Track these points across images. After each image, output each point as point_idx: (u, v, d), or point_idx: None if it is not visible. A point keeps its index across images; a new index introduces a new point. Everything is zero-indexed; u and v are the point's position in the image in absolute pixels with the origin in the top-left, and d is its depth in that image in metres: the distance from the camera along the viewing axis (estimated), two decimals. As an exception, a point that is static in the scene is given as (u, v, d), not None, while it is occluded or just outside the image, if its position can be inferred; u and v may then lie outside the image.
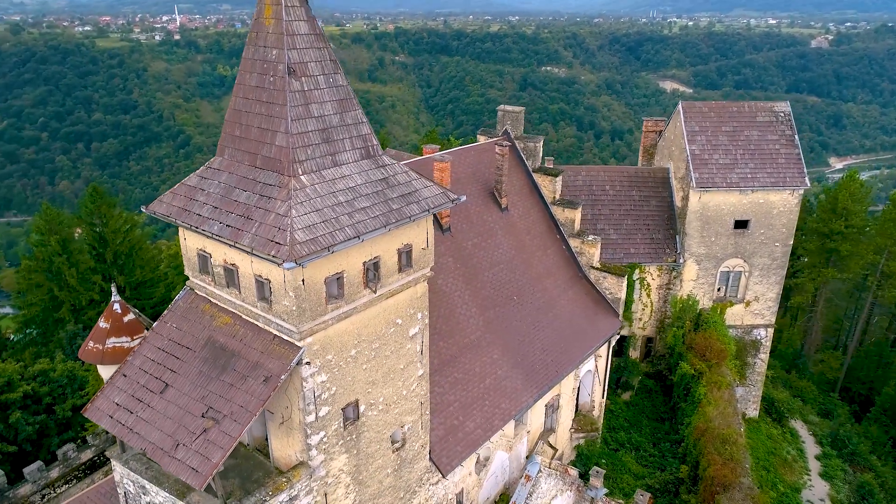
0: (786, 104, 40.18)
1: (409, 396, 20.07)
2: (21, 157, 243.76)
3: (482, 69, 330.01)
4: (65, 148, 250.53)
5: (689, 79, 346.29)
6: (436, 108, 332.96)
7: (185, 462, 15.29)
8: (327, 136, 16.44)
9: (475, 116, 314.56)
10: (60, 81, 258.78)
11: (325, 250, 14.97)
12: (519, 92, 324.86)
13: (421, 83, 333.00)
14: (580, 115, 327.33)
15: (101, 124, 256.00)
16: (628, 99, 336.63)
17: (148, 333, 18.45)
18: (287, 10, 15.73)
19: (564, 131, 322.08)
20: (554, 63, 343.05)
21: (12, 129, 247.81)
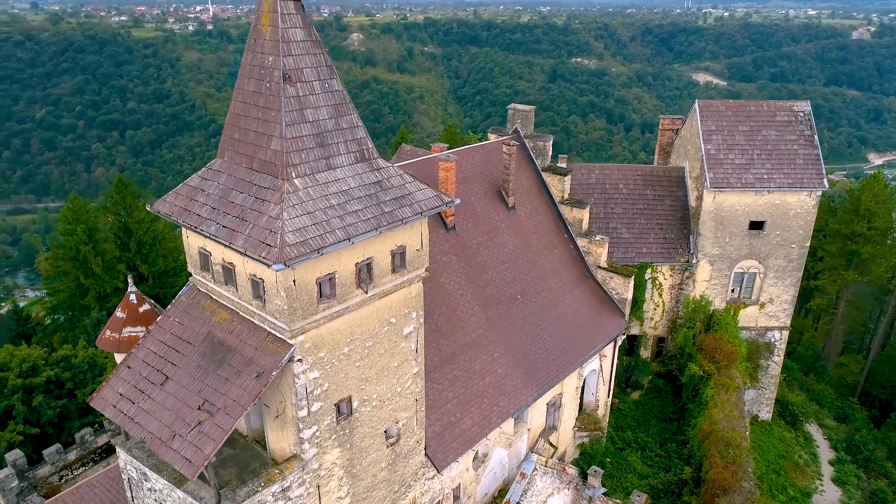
0: (806, 103, 39.48)
1: (403, 393, 20.55)
2: (59, 145, 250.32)
3: (511, 60, 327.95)
4: (100, 136, 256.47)
5: (724, 71, 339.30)
6: (464, 99, 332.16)
7: (180, 452, 16.00)
8: (322, 140, 16.89)
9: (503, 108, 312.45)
10: (97, 70, 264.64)
11: (315, 252, 15.45)
12: (548, 83, 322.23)
13: (449, 74, 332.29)
14: (610, 107, 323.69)
15: (136, 113, 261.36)
16: (659, 91, 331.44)
17: (152, 327, 19.21)
18: (283, 18, 16.18)
19: (594, 124, 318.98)
20: (584, 54, 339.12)
21: (51, 117, 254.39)
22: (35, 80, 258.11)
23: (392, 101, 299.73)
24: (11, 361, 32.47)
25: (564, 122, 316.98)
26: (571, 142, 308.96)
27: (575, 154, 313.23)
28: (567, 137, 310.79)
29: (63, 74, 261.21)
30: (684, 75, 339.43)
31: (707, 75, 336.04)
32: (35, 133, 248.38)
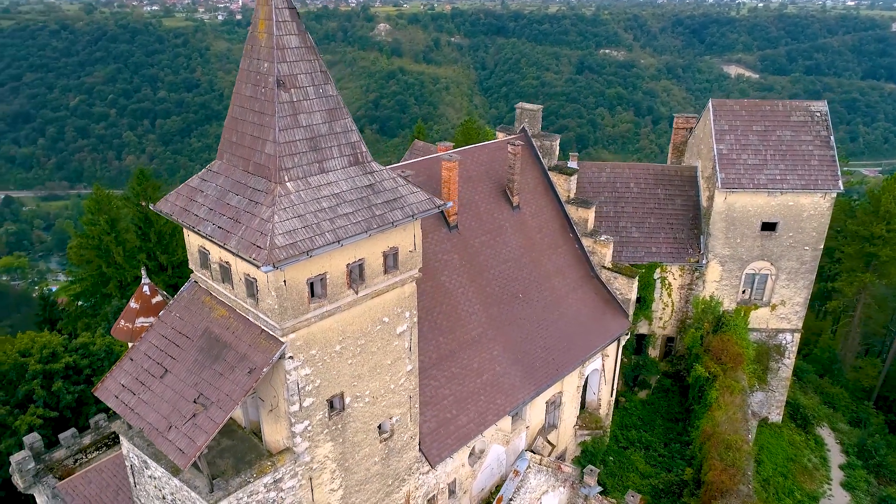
0: (823, 103, 38.85)
1: (397, 390, 21.05)
2: (92, 132, 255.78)
3: (538, 51, 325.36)
4: (131, 124, 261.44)
5: (756, 63, 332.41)
6: (490, 90, 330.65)
7: (175, 443, 16.72)
8: (315, 144, 17.35)
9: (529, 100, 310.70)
10: (129, 60, 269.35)
11: (304, 255, 15.96)
12: (575, 75, 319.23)
13: (476, 65, 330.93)
14: (638, 100, 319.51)
15: (165, 102, 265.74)
16: (689, 84, 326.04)
17: (155, 321, 19.97)
18: (278, 26, 16.63)
19: (621, 116, 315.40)
20: (613, 46, 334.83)
21: (84, 105, 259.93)
22: (69, 69, 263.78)
23: (417, 91, 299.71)
24: (33, 347, 33.79)
25: (591, 114, 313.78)
26: (598, 134, 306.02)
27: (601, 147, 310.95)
28: (593, 130, 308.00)
29: (96, 63, 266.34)
30: (715, 67, 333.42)
31: (739, 68, 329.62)
32: (69, 121, 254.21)
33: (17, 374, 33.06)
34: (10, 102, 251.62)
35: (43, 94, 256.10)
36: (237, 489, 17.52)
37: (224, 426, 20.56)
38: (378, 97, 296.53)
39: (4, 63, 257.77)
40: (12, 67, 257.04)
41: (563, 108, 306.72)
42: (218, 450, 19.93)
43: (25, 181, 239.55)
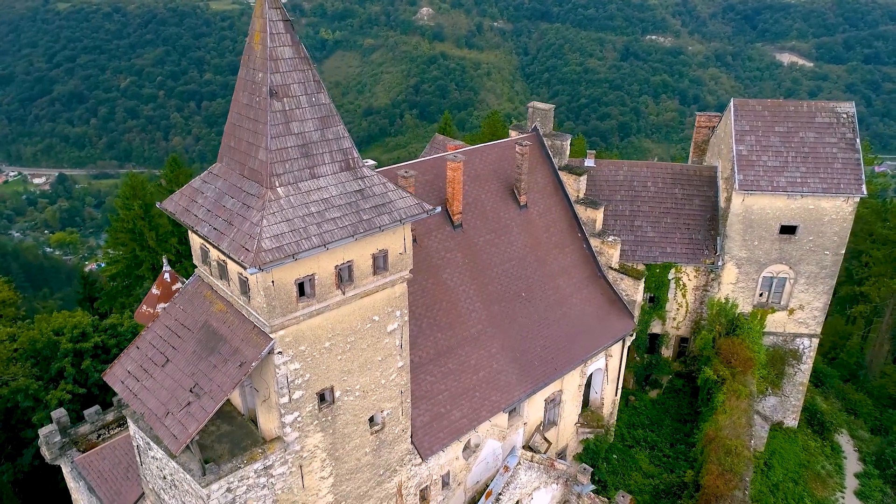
0: (850, 104, 37.86)
1: (388, 385, 21.90)
2: (140, 113, 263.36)
3: (582, 37, 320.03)
4: (178, 106, 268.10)
5: (811, 51, 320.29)
6: (532, 76, 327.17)
7: (170, 429, 17.93)
8: (306, 150, 18.15)
9: (571, 86, 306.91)
10: (177, 42, 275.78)
11: (290, 258, 16.84)
12: (619, 62, 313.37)
13: (518, 50, 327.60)
14: (684, 88, 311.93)
15: (211, 84, 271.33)
16: (739, 72, 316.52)
17: (160, 312, 21.22)
18: (272, 38, 17.42)
19: (666, 105, 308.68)
20: (660, 32, 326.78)
21: (134, 86, 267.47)
22: (121, 51, 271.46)
23: (458, 77, 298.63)
24: (65, 327, 35.85)
25: (635, 102, 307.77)
26: (641, 123, 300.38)
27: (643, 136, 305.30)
28: (636, 118, 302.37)
29: (146, 46, 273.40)
30: (767, 55, 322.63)
31: (792, 56, 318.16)
32: (119, 102, 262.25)
33: (51, 351, 35.20)
34: (66, 83, 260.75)
35: (96, 75, 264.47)
36: (228, 474, 18.67)
37: (225, 413, 21.87)
38: (419, 82, 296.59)
39: (60, 45, 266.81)
40: (68, 49, 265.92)
41: (605, 95, 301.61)
42: (217, 434, 21.15)
43: (78, 160, 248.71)
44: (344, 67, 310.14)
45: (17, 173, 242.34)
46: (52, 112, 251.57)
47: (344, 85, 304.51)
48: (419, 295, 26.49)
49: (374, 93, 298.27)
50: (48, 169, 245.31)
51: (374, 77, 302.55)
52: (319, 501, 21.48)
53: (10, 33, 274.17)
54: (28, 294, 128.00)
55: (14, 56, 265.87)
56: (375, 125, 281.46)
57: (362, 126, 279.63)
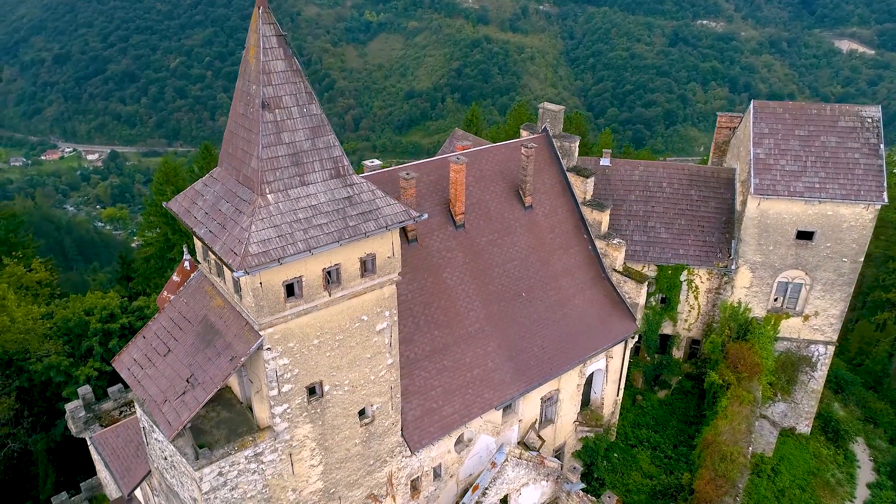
0: (876, 108, 36.88)
1: (377, 381, 22.91)
2: (188, 93, 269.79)
3: (630, 21, 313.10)
4: (225, 86, 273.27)
5: (873, 38, 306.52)
6: (576, 61, 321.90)
7: (166, 416, 19.34)
8: (297, 159, 19.10)
9: (616, 72, 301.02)
10: (225, 24, 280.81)
11: (275, 262, 17.88)
12: (667, 48, 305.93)
13: (563, 34, 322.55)
14: (735, 75, 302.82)
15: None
16: (794, 59, 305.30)
17: (166, 305, 22.64)
18: (265, 52, 18.35)
19: (714, 92, 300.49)
20: (711, 16, 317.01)
21: (183, 66, 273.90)
22: (171, 32, 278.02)
23: (501, 61, 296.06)
24: (95, 307, 38.05)
25: (682, 89, 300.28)
26: (688, 111, 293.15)
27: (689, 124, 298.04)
28: (683, 106, 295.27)
29: (195, 27, 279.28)
30: (825, 42, 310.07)
31: (852, 43, 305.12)
32: (169, 81, 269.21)
33: (82, 330, 37.46)
34: (119, 63, 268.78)
35: (147, 55, 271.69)
36: (219, 459, 20.01)
37: (225, 400, 23.27)
38: (461, 65, 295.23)
39: (114, 25, 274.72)
40: (121, 29, 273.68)
41: (652, 81, 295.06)
42: (216, 420, 22.55)
43: (129, 137, 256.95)
44: (387, 50, 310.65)
45: (73, 150, 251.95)
46: (105, 91, 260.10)
47: (387, 68, 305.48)
48: (418, 293, 27.36)
49: (417, 76, 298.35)
50: (101, 146, 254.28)
51: (416, 60, 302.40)
52: (309, 487, 22.74)
53: (68, 13, 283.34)
54: (79, 267, 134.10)
55: (70, 35, 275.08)
56: (417, 108, 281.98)
57: (403, 109, 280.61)
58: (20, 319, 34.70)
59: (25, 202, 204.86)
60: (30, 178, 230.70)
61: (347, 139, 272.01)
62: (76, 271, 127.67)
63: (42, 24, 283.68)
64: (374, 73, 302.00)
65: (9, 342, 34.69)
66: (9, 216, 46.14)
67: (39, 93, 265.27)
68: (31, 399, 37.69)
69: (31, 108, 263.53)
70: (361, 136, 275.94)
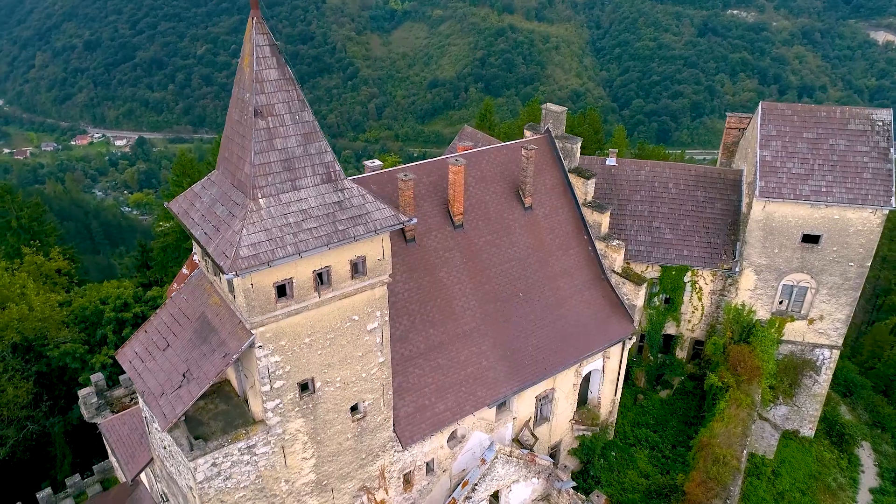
0: (887, 112, 36.38)
1: (368, 378, 23.60)
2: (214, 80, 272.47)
3: (658, 10, 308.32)
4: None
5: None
6: (602, 51, 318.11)
7: (162, 408, 20.26)
8: (289, 165, 19.73)
9: (643, 62, 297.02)
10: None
11: (265, 265, 18.58)
12: (696, 38, 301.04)
13: (589, 23, 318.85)
14: (764, 66, 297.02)
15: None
16: (827, 51, 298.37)
17: (168, 300, 23.55)
18: (258, 61, 18.97)
19: (743, 84, 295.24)
20: (742, 6, 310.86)
21: (209, 54, 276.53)
22: (198, 19, 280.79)
23: (526, 50, 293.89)
24: (110, 297, 39.37)
25: (710, 80, 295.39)
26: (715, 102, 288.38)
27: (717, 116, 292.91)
28: (711, 97, 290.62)
29: (221, 14, 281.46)
30: (860, 33, 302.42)
31: (888, 34, 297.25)
32: (196, 69, 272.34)
33: (97, 318, 38.82)
34: (147, 49, 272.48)
35: (174, 42, 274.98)
36: (213, 450, 20.89)
37: (224, 393, 24.15)
38: (485, 55, 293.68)
39: (143, 12, 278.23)
40: (150, 17, 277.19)
41: (679, 72, 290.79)
42: (214, 412, 23.43)
43: (156, 123, 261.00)
44: (411, 38, 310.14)
45: (102, 135, 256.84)
46: (133, 77, 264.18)
47: (410, 56, 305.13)
48: (414, 292, 27.96)
49: (441, 65, 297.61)
50: (129, 132, 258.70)
51: (440, 49, 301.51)
52: (302, 479, 23.58)
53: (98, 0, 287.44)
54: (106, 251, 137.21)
55: (101, 22, 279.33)
56: (440, 98, 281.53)
57: (426, 98, 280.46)
58: (38, 307, 36.14)
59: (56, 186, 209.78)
60: (60, 162, 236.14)
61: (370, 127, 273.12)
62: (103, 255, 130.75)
63: (73, 10, 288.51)
64: (397, 62, 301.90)
65: (28, 329, 36.16)
66: (33, 205, 47.68)
67: (70, 78, 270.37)
68: (49, 383, 39.24)
69: (62, 93, 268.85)
70: (384, 124, 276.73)
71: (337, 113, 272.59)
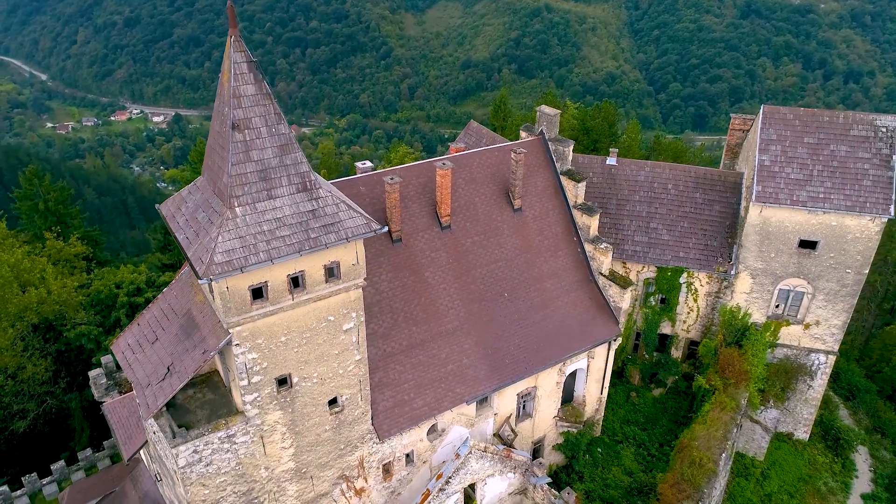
0: (892, 118, 35.78)
1: (345, 375, 24.84)
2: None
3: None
4: (284, 52, 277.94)
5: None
6: (640, 33, 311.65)
7: (146, 399, 21.83)
8: (265, 175, 20.83)
9: (682, 45, 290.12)
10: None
11: (237, 271, 19.81)
12: (738, 20, 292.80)
13: (628, 4, 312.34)
14: (810, 50, 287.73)
15: (316, 31, 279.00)
16: (877, 34, 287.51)
17: (160, 295, 25.07)
18: (236, 77, 20.02)
19: (787, 68, 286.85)
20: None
21: (245, 31, 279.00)
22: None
23: (562, 31, 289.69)
24: (124, 282, 41.43)
25: (751, 64, 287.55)
26: (756, 87, 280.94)
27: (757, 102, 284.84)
28: (751, 82, 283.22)
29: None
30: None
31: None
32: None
33: (111, 301, 40.96)
34: (185, 27, 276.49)
35: (211, 19, 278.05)
36: (194, 438, 22.43)
37: (212, 383, 25.70)
38: (520, 35, 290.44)
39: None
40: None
41: (719, 56, 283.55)
42: (202, 401, 25.01)
43: (192, 100, 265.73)
44: (445, 18, 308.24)
45: (140, 111, 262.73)
46: (171, 54, 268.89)
47: (444, 36, 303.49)
48: (399, 291, 29.03)
49: (474, 45, 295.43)
50: (166, 108, 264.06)
51: (474, 29, 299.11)
52: (281, 466, 25.07)
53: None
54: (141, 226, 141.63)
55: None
56: (472, 79, 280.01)
57: (459, 79, 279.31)
58: (55, 291, 38.33)
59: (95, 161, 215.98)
60: (100, 137, 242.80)
61: (402, 108, 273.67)
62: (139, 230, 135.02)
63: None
64: (431, 42, 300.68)
65: (46, 311, 38.43)
66: (59, 189, 50.02)
67: (111, 55, 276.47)
68: (68, 361, 41.65)
69: (102, 69, 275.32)
70: (416, 104, 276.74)
71: (369, 92, 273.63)
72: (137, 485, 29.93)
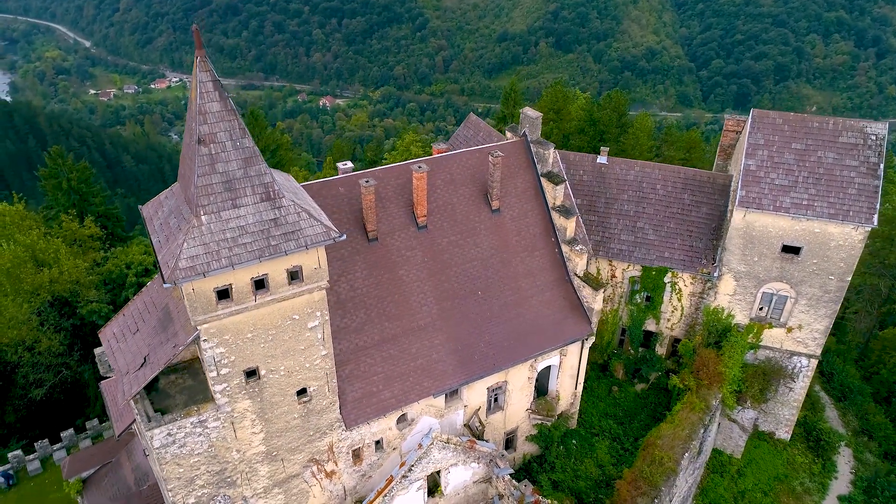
0: (883, 125, 35.43)
1: (312, 368, 26.59)
2: (286, 28, 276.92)
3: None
4: (321, 22, 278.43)
5: None
6: (683, 6, 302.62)
7: (122, 387, 23.95)
8: (230, 186, 22.37)
9: (727, 20, 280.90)
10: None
11: (200, 275, 21.54)
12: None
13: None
14: (863, 27, 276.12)
15: (353, 2, 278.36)
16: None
17: (144, 288, 27.10)
18: (202, 95, 21.49)
19: (837, 46, 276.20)
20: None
21: (282, 1, 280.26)
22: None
23: (602, 4, 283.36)
24: (134, 263, 43.96)
25: (799, 41, 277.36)
26: (803, 65, 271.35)
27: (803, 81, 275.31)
28: (798, 60, 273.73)
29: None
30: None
31: None
32: (269, 16, 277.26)
33: (122, 280, 43.58)
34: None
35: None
36: (167, 423, 24.53)
37: (193, 370, 27.73)
38: (558, 8, 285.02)
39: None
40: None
41: (766, 31, 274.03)
42: (181, 387, 27.08)
43: (230, 70, 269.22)
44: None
45: (179, 79, 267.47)
46: (209, 23, 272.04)
47: (481, 8, 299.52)
48: (373, 288, 30.54)
49: (511, 17, 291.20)
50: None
51: (512, 0, 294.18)
52: (252, 450, 27.12)
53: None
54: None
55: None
56: (508, 52, 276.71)
57: (495, 52, 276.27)
58: (68, 271, 41.02)
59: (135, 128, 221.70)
60: (140, 105, 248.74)
61: (436, 80, 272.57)
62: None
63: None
64: (468, 13, 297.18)
65: (59, 290, 41.23)
66: (82, 168, 52.65)
67: (151, 23, 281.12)
68: (83, 334, 44.60)
69: (143, 37, 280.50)
70: (450, 77, 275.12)
71: (404, 64, 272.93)
72: (131, 457, 32.56)
